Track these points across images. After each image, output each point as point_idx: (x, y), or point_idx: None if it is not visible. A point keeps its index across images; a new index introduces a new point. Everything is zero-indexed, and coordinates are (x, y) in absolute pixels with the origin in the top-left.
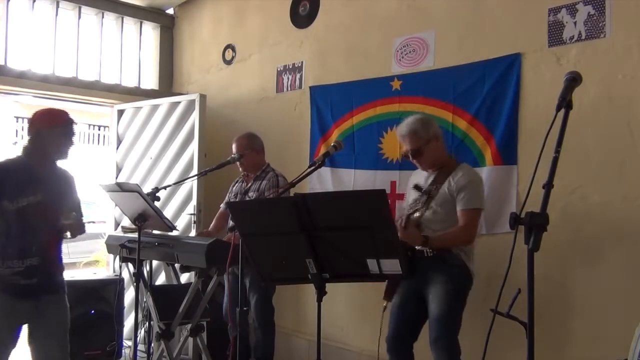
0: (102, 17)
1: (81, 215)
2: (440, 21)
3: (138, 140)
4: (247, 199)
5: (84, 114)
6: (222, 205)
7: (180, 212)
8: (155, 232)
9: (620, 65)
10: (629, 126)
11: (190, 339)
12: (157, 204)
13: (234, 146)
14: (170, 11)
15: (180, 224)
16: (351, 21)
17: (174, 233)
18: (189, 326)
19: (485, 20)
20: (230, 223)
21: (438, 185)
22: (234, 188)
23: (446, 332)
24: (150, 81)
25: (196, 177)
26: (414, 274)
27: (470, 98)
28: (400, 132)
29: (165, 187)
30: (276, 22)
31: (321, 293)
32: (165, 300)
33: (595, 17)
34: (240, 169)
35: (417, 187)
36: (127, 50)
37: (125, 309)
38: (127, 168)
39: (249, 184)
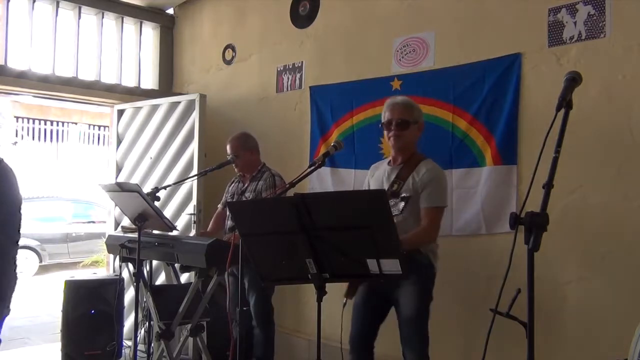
0: (102, 17)
1: None
2: (440, 21)
3: (138, 140)
4: (244, 199)
5: (84, 114)
6: (220, 206)
7: (180, 212)
8: (155, 232)
9: (620, 65)
10: (629, 126)
11: (190, 339)
12: (157, 204)
13: (228, 147)
14: (170, 11)
15: (180, 224)
16: (351, 21)
17: (174, 233)
18: (189, 326)
19: (485, 20)
20: (231, 223)
21: (401, 182)
22: (230, 188)
23: (416, 332)
24: (150, 81)
25: (196, 177)
26: None
27: (470, 98)
28: (394, 100)
29: (165, 187)
30: (276, 22)
31: (321, 293)
32: (165, 300)
33: (595, 17)
34: (236, 169)
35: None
36: (127, 50)
37: (125, 309)
38: (127, 168)
39: (246, 185)
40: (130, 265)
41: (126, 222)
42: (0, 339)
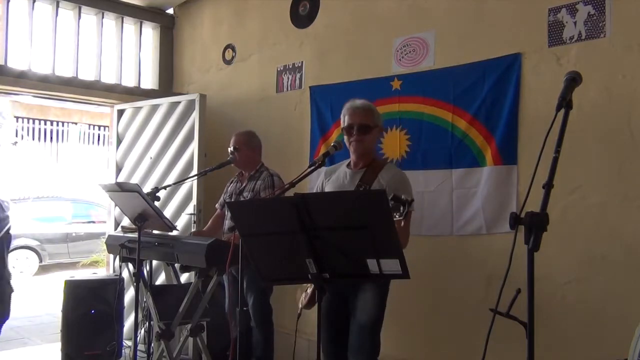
0: (102, 17)
1: None
2: (440, 21)
3: (138, 140)
4: (242, 199)
5: (84, 114)
6: (217, 206)
7: (180, 212)
8: (155, 232)
9: (620, 65)
10: (629, 126)
11: (190, 339)
12: (157, 203)
13: (232, 140)
14: (170, 11)
15: (180, 224)
16: (351, 21)
17: (174, 233)
18: (189, 326)
19: (485, 20)
20: (231, 223)
21: (367, 186)
22: (229, 188)
23: (370, 339)
24: (150, 81)
25: (196, 177)
26: None
27: (470, 98)
28: (354, 104)
29: (165, 187)
30: (276, 22)
31: (321, 293)
32: (165, 300)
33: (595, 17)
34: (233, 164)
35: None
36: (127, 50)
37: (125, 309)
38: (127, 168)
39: (244, 184)
40: (130, 265)
41: (126, 222)
42: None
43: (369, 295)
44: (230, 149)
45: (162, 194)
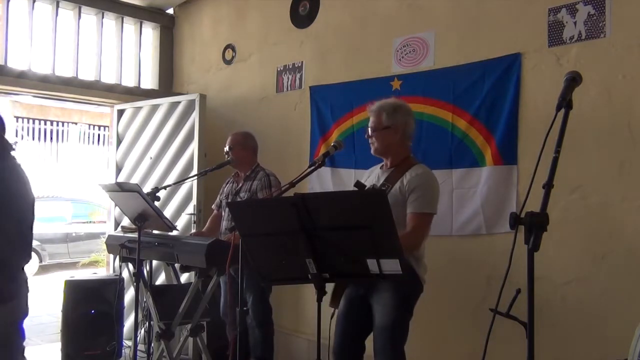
0: (102, 17)
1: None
2: (440, 21)
3: (138, 140)
4: (239, 199)
5: (84, 114)
6: (214, 207)
7: (180, 212)
8: (155, 232)
9: (620, 65)
10: (629, 126)
11: (190, 339)
12: (157, 204)
13: (228, 139)
14: (170, 11)
15: (180, 224)
16: (351, 21)
17: (174, 233)
18: (189, 326)
19: (485, 20)
20: (229, 223)
21: (390, 185)
22: (225, 189)
23: (390, 343)
24: (150, 81)
25: (196, 177)
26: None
27: (470, 98)
28: (370, 107)
29: (165, 187)
30: (276, 22)
31: (321, 293)
32: (165, 300)
33: (595, 17)
34: (231, 164)
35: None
36: (127, 50)
37: (125, 309)
38: (127, 168)
39: (240, 185)
40: (130, 265)
41: (126, 222)
42: (24, 337)
43: (385, 296)
44: (226, 148)
45: (162, 194)
